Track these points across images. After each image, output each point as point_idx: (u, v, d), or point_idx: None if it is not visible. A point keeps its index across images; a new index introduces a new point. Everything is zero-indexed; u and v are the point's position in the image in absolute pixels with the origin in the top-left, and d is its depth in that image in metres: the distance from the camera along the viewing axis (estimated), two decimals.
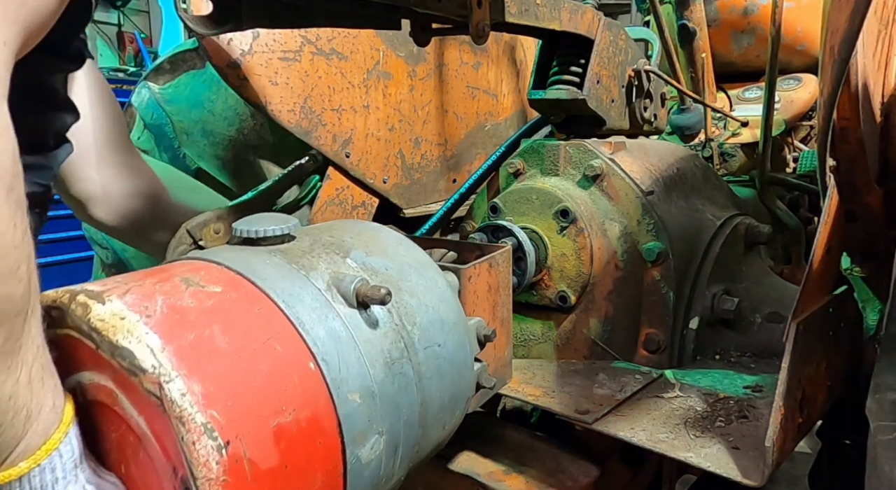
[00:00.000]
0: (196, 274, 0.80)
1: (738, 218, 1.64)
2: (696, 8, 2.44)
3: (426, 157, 2.04)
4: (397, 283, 0.96)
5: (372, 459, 0.84)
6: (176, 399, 0.65)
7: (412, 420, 0.92)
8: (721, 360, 1.52)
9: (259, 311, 0.78)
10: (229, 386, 0.70)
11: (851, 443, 1.48)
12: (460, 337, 1.03)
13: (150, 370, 0.66)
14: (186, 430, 0.65)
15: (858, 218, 1.30)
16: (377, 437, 0.85)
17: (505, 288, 1.23)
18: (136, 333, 0.68)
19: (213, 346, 0.72)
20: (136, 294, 0.73)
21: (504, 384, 1.28)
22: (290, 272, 0.85)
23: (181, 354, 0.68)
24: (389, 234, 1.08)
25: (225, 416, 0.68)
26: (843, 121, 1.13)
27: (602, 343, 1.54)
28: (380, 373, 0.86)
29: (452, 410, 1.03)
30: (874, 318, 1.50)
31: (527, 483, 1.35)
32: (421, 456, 1.00)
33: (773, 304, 1.54)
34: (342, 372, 0.81)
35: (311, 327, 0.81)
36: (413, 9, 1.39)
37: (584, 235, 1.51)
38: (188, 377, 0.67)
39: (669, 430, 1.22)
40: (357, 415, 0.82)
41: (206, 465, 0.65)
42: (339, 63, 1.72)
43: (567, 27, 1.59)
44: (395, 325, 0.92)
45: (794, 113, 2.53)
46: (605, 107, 1.70)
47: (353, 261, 0.94)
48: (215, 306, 0.76)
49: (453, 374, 1.00)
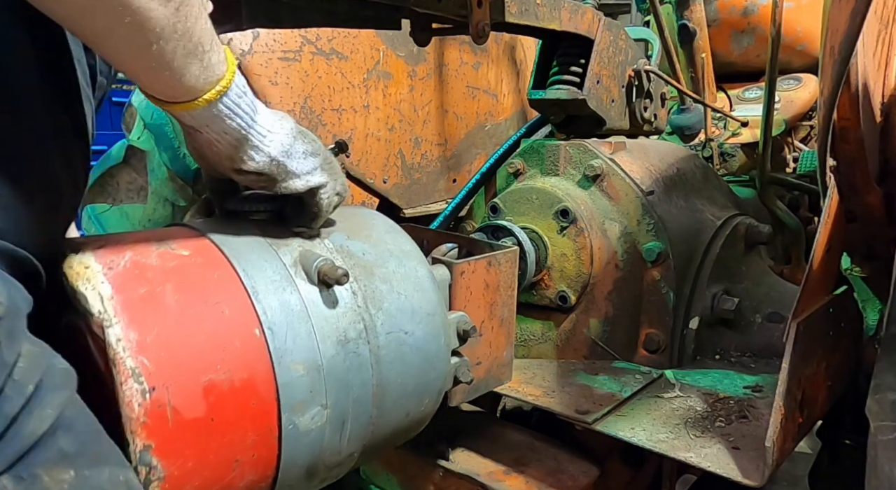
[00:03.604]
0: (172, 238, 0.87)
1: (738, 218, 1.64)
2: (696, 8, 2.43)
3: (426, 157, 2.04)
4: (371, 267, 0.99)
5: (312, 429, 0.88)
6: (112, 343, 0.73)
7: (364, 400, 0.95)
8: (721, 360, 1.52)
9: (217, 276, 0.85)
10: (166, 338, 0.76)
11: (851, 443, 1.48)
12: (434, 328, 1.05)
13: (96, 315, 0.74)
14: (117, 372, 0.72)
15: (858, 218, 1.30)
16: (320, 409, 0.89)
17: (507, 288, 1.23)
18: (93, 281, 0.76)
19: (161, 301, 0.78)
20: (108, 248, 0.80)
21: (500, 383, 1.28)
22: (260, 245, 0.91)
23: (127, 304, 0.75)
24: (381, 221, 1.10)
25: (155, 365, 0.74)
26: (843, 121, 1.13)
27: (602, 343, 1.54)
28: (331, 349, 0.90)
29: (419, 399, 1.05)
30: (874, 318, 1.51)
31: (527, 483, 1.35)
32: (379, 438, 1.01)
33: (773, 304, 1.54)
34: (287, 343, 0.85)
35: (265, 297, 0.86)
36: (413, 9, 1.39)
37: (584, 235, 1.51)
38: (127, 325, 0.74)
39: (669, 430, 1.22)
40: (298, 385, 0.86)
41: (129, 405, 0.72)
42: (339, 63, 1.72)
43: (567, 27, 1.59)
44: (358, 306, 0.95)
45: (794, 113, 2.53)
46: (605, 107, 1.70)
47: (330, 242, 0.98)
48: (176, 267, 0.82)
49: (420, 363, 1.03)
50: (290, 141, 0.88)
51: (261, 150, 0.85)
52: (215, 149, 0.84)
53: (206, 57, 0.75)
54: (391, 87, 1.88)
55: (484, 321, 1.18)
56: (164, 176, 1.96)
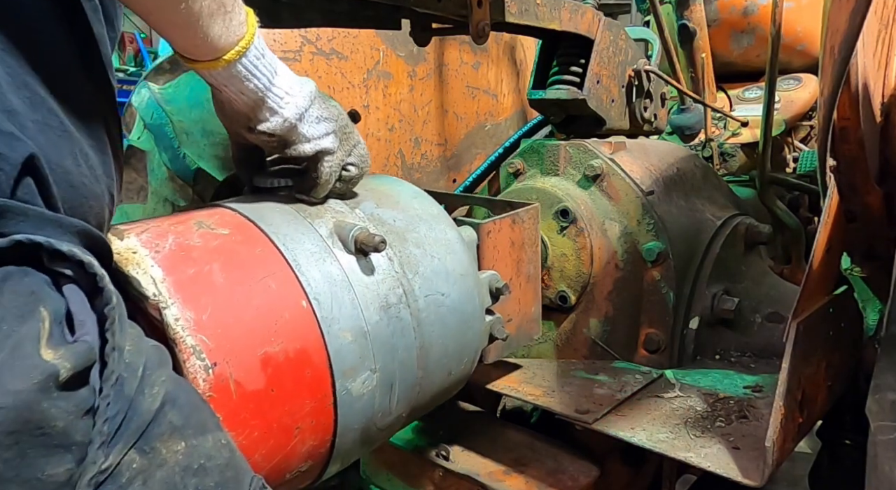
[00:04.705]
0: (210, 218, 0.89)
1: (738, 218, 1.64)
2: (696, 8, 2.43)
3: (426, 157, 2.04)
4: (403, 233, 1.02)
5: (364, 393, 0.91)
6: (171, 323, 0.75)
7: (409, 362, 0.98)
8: (721, 360, 1.52)
9: (259, 252, 0.87)
10: (220, 315, 0.79)
11: (851, 443, 1.47)
12: (468, 288, 1.08)
13: (151, 297, 0.76)
14: (179, 351, 0.75)
15: (858, 218, 1.30)
16: (369, 374, 0.92)
17: (531, 245, 1.27)
18: (143, 266, 0.78)
19: (211, 280, 0.81)
20: (151, 233, 0.82)
21: (531, 339, 1.33)
22: (296, 219, 0.93)
23: (179, 285, 0.78)
24: (406, 188, 1.14)
25: (214, 341, 0.77)
26: (843, 121, 1.13)
27: (602, 343, 1.54)
28: (374, 315, 0.93)
29: (459, 358, 1.09)
30: (874, 318, 1.50)
31: (527, 483, 1.35)
32: (424, 398, 1.05)
33: (773, 304, 1.54)
34: (334, 311, 0.88)
35: (307, 269, 0.88)
36: (413, 9, 1.39)
37: (584, 235, 1.51)
38: (183, 305, 0.76)
39: (669, 430, 1.21)
40: (347, 351, 0.89)
41: (194, 381, 0.74)
42: (339, 63, 1.72)
43: (567, 27, 1.59)
44: (396, 272, 0.98)
45: (794, 113, 2.53)
46: (605, 107, 1.70)
47: (361, 211, 1.01)
48: (219, 246, 0.85)
49: (458, 323, 1.06)
50: (306, 104, 0.90)
51: (276, 112, 0.88)
52: (234, 107, 0.88)
53: (228, 17, 0.78)
54: (391, 87, 1.88)
55: (512, 278, 1.21)
56: (164, 176, 1.96)
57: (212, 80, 0.85)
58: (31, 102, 0.59)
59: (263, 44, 0.85)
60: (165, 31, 0.79)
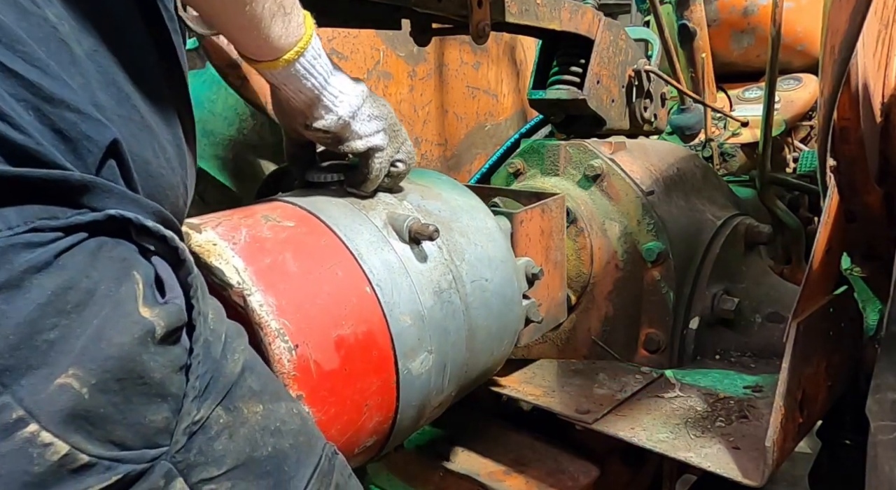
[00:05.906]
0: (274, 211, 0.95)
1: (738, 218, 1.64)
2: (696, 8, 2.43)
3: (426, 157, 2.04)
4: (448, 223, 1.09)
5: (422, 373, 0.98)
6: (255, 309, 0.81)
7: (459, 343, 1.05)
8: (721, 360, 1.52)
9: (324, 242, 0.93)
10: (297, 301, 0.85)
11: (851, 443, 1.47)
12: (507, 273, 1.15)
13: (235, 285, 0.81)
14: (264, 334, 0.80)
15: (858, 218, 1.30)
16: (426, 355, 0.98)
17: (558, 233, 1.33)
18: (224, 256, 0.83)
19: (285, 269, 0.87)
20: (225, 226, 0.89)
21: (557, 322, 1.38)
22: (352, 211, 0.99)
23: (259, 274, 0.84)
24: (446, 180, 1.22)
25: (294, 325, 0.83)
26: (843, 121, 1.13)
27: (602, 343, 1.54)
28: (429, 300, 1.00)
29: (500, 339, 1.16)
30: (874, 318, 1.50)
31: (527, 483, 1.35)
32: (470, 377, 1.12)
33: (773, 304, 1.54)
34: (394, 296, 0.95)
35: (368, 257, 0.94)
36: (413, 9, 1.39)
37: (584, 235, 1.51)
38: (265, 292, 0.82)
39: (669, 430, 1.22)
40: (407, 334, 0.95)
41: (279, 361, 0.81)
42: (339, 63, 1.71)
43: (567, 27, 1.59)
44: (445, 259, 1.04)
45: (794, 113, 2.53)
46: (605, 107, 1.70)
47: (409, 203, 1.07)
48: (288, 238, 0.91)
49: (500, 306, 1.13)
50: (358, 103, 0.96)
51: (331, 109, 0.93)
52: (292, 104, 0.94)
53: (287, 19, 0.83)
54: (391, 87, 1.88)
55: (542, 265, 1.26)
56: None
57: (272, 79, 0.90)
58: (117, 99, 0.63)
59: (320, 45, 0.90)
60: (231, 32, 0.84)
